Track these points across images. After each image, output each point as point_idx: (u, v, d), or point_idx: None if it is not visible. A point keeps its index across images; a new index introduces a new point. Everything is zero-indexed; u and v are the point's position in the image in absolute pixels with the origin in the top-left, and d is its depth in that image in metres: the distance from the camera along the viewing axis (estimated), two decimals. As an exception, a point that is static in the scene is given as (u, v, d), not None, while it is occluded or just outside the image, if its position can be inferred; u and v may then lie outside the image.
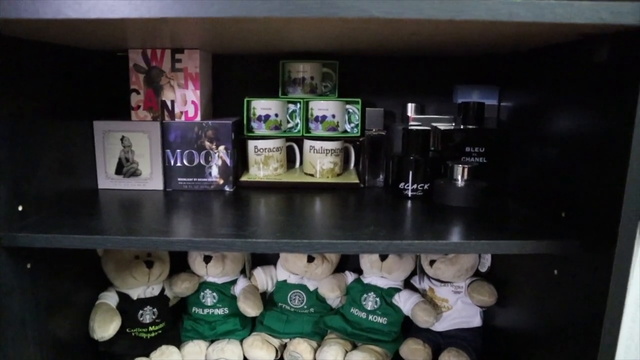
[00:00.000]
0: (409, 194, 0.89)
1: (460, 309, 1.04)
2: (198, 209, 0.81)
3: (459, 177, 0.85)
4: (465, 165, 0.85)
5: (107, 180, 0.94)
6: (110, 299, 0.97)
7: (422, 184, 0.89)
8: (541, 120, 0.80)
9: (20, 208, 0.71)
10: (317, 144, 0.97)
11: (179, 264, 1.06)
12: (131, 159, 0.94)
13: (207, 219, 0.76)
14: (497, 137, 0.94)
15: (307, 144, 0.99)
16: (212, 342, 1.03)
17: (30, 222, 0.71)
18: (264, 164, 0.98)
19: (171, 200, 0.88)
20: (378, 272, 1.02)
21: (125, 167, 0.94)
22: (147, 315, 0.99)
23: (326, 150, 0.97)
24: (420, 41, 0.76)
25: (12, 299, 0.71)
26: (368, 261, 1.02)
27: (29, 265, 0.75)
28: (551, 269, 0.76)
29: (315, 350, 1.01)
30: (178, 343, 1.01)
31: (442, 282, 1.04)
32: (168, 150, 0.93)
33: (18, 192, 0.70)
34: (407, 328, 1.06)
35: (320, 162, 0.97)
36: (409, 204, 0.87)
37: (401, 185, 0.90)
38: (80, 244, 0.68)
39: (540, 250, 0.67)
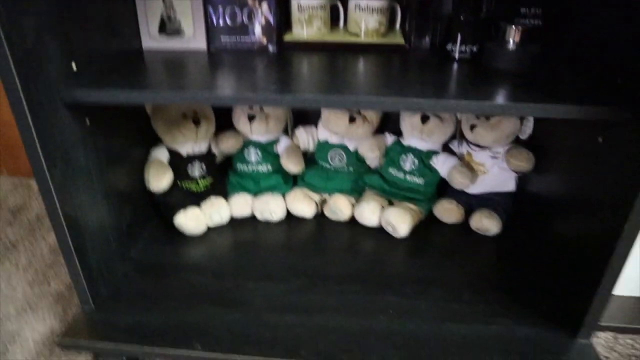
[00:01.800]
0: (457, 55, 0.87)
1: (495, 173, 1.06)
2: (243, 68, 0.82)
3: (511, 40, 0.81)
4: (519, 27, 0.81)
5: (151, 39, 0.94)
6: (161, 154, 1.03)
7: (471, 46, 0.86)
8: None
9: (74, 66, 0.73)
10: (363, 2, 0.93)
11: (225, 123, 1.09)
12: (173, 17, 0.93)
13: (253, 77, 0.77)
14: (555, -4, 0.87)
15: (353, 1, 0.95)
16: (256, 195, 1.10)
17: (85, 80, 0.74)
18: (308, 22, 0.95)
19: (215, 59, 0.88)
20: (418, 135, 1.04)
21: (168, 26, 0.94)
22: (196, 170, 1.06)
23: (372, 8, 0.93)
24: None
25: (77, 151, 0.77)
26: (409, 124, 1.03)
27: (88, 121, 0.79)
28: (595, 136, 0.76)
29: (354, 206, 1.08)
30: (226, 196, 1.09)
31: (480, 147, 1.05)
32: (210, 8, 0.91)
33: (70, 51, 0.72)
34: (442, 190, 1.10)
35: (365, 21, 0.94)
36: (456, 66, 0.85)
37: (449, 46, 0.87)
38: (134, 98, 0.71)
39: (589, 116, 0.66)
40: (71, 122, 0.75)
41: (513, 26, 0.81)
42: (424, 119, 1.01)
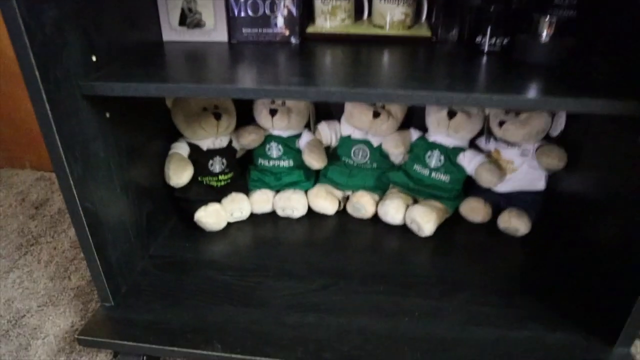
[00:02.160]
0: (486, 49, 0.83)
1: (525, 171, 1.02)
2: (265, 60, 0.80)
3: (544, 32, 0.77)
4: (553, 18, 0.77)
5: (172, 32, 0.93)
6: (182, 149, 1.02)
7: (502, 38, 0.82)
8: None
9: (94, 58, 0.72)
10: (388, -8, 0.90)
11: (246, 118, 1.08)
12: (194, 8, 0.91)
13: (276, 70, 0.75)
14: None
15: (377, -8, 0.92)
16: (278, 192, 1.08)
17: (105, 73, 0.73)
18: (331, 14, 0.93)
19: (237, 51, 0.86)
20: (444, 131, 1.00)
21: (188, 18, 0.92)
22: (217, 165, 1.04)
23: (398, 0, 0.90)
24: None
25: (97, 145, 0.76)
26: (435, 119, 1.00)
27: (107, 115, 0.78)
28: (633, 135, 0.72)
29: (377, 203, 1.05)
30: (246, 191, 1.07)
31: (509, 143, 1.01)
32: (232, -1, 0.89)
33: (89, 42, 0.71)
34: (468, 188, 1.07)
35: (390, 12, 0.91)
36: (485, 59, 0.81)
37: (478, 39, 0.83)
38: (155, 91, 0.69)
39: (627, 111, 0.62)
40: (91, 115, 0.73)
41: (546, 17, 0.77)
42: (451, 114, 0.98)
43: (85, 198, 0.74)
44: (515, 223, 0.98)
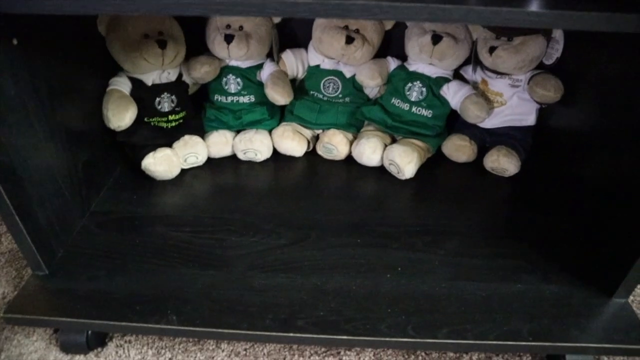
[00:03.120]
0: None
1: (514, 105, 0.92)
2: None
3: None
4: None
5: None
6: (122, 85, 0.86)
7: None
8: None
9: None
10: None
11: (197, 47, 0.92)
12: None
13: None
14: None
15: None
16: (238, 132, 0.95)
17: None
18: None
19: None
20: (427, 58, 0.87)
21: None
22: (166, 103, 0.89)
23: None
24: None
25: (3, 79, 0.60)
26: (417, 44, 0.87)
27: (15, 41, 0.62)
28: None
29: (351, 143, 0.93)
30: (202, 133, 0.93)
31: (498, 73, 0.90)
32: None
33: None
34: (451, 124, 0.96)
35: None
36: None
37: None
38: (69, 7, 0.53)
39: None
40: (-10, 42, 0.58)
41: None
42: (436, 38, 0.85)
43: (-7, 147, 0.59)
44: (503, 163, 0.89)
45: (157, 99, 0.88)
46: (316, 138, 0.97)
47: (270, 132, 0.95)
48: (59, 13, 0.52)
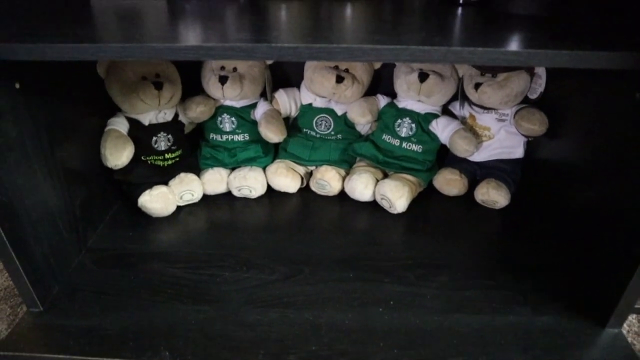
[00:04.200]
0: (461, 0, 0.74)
1: (502, 138, 0.94)
2: (209, 16, 0.67)
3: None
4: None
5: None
6: (119, 125, 0.89)
7: (479, -13, 0.72)
8: None
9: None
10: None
11: (193, 87, 0.95)
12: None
13: (221, 26, 0.63)
14: None
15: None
16: (233, 169, 0.97)
17: (5, 31, 0.59)
18: (284, -37, 0.80)
19: (176, 7, 0.73)
20: (415, 96, 0.90)
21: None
22: (162, 142, 0.92)
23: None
24: None
25: (5, 121, 0.63)
26: (405, 82, 0.90)
27: (17, 85, 0.65)
28: (631, 91, 0.64)
29: (344, 179, 0.95)
30: (197, 171, 0.96)
31: (485, 108, 0.93)
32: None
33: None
34: (441, 159, 0.98)
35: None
36: (461, 11, 0.71)
37: (452, -12, 0.73)
38: (68, 54, 0.55)
39: (630, 65, 0.53)
40: (-6, 86, 0.60)
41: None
42: (422, 76, 0.88)
43: (-7, 187, 0.61)
44: (493, 195, 0.91)
45: (154, 138, 0.91)
46: (309, 174, 0.99)
47: (264, 169, 0.96)
48: (60, 59, 0.55)
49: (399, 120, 0.93)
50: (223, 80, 0.89)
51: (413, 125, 0.93)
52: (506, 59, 0.54)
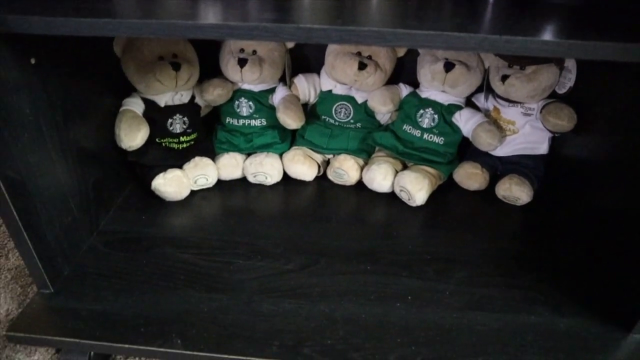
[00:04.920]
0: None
1: (527, 133, 0.91)
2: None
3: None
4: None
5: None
6: (135, 105, 0.87)
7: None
8: None
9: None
10: None
11: (210, 70, 0.93)
12: None
13: (244, 3, 0.60)
14: None
15: None
16: (249, 155, 0.95)
17: (22, 4, 0.57)
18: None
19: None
20: (439, 86, 0.88)
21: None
22: (177, 124, 0.90)
23: None
24: None
25: (20, 98, 0.61)
26: (429, 71, 0.87)
27: (33, 60, 0.63)
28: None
29: (362, 169, 0.93)
30: (212, 155, 0.94)
31: (510, 102, 0.90)
32: None
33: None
34: (463, 152, 0.95)
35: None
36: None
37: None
38: (87, 29, 0.53)
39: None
40: (9, 60, 0.58)
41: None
42: (448, 66, 0.85)
43: (7, 165, 0.59)
44: (516, 191, 0.88)
45: (170, 120, 0.89)
46: (327, 163, 0.97)
47: (281, 155, 0.94)
48: (76, 34, 0.53)
49: (421, 111, 0.90)
50: (242, 62, 0.86)
51: (435, 116, 0.90)
52: (546, 49, 0.51)
